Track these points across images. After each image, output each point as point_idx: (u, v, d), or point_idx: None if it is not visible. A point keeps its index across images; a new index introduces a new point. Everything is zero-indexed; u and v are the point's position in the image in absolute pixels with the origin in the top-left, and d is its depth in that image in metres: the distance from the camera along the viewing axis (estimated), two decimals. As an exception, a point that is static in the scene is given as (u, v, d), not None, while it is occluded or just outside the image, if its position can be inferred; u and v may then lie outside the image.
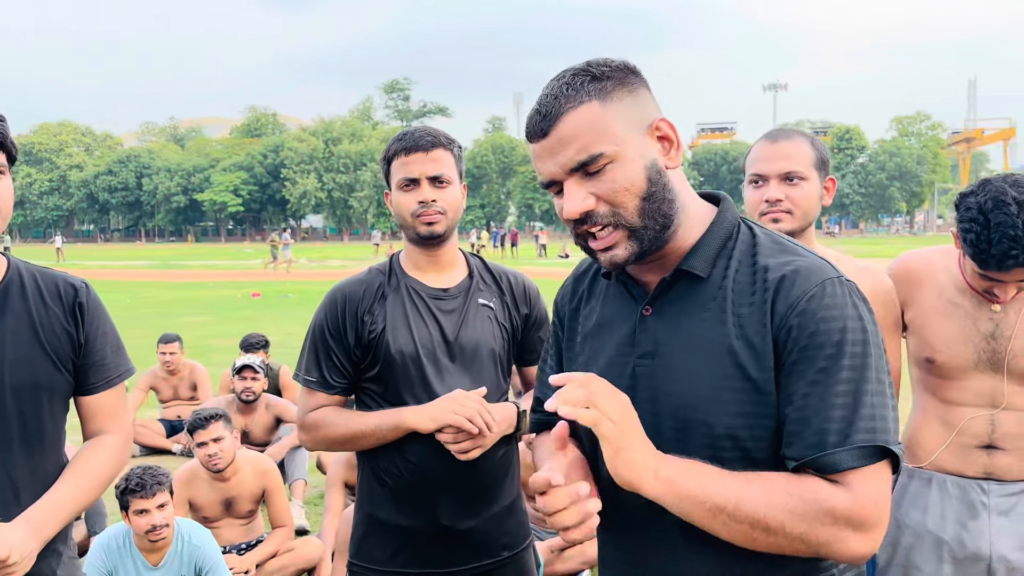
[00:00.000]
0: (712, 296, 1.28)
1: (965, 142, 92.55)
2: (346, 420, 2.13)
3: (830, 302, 1.20)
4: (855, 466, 1.17)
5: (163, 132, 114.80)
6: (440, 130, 2.22)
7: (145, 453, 6.80)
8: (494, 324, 2.23)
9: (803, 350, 1.19)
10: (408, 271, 2.23)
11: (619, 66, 1.28)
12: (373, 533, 2.18)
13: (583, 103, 1.24)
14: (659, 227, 1.26)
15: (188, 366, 7.26)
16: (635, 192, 1.24)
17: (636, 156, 1.24)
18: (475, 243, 45.57)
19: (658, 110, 1.31)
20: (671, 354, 1.29)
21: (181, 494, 4.14)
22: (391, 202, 2.21)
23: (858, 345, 1.19)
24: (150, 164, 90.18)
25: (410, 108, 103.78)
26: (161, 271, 33.94)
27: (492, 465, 2.16)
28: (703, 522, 1.18)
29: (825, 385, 1.18)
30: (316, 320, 2.21)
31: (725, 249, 1.31)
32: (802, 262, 1.25)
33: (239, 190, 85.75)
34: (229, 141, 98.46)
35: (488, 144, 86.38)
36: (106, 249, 70.03)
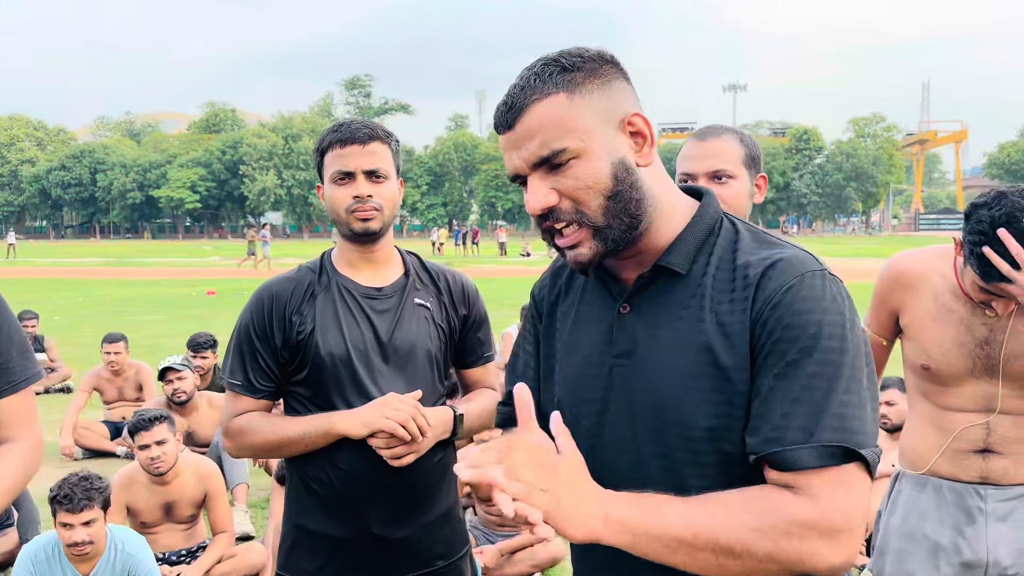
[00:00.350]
0: (691, 293, 1.23)
1: (919, 144, 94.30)
2: (272, 426, 2.04)
3: (808, 294, 1.15)
4: (816, 466, 1.10)
5: (118, 127, 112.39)
6: (378, 123, 2.13)
7: (88, 456, 6.62)
8: (431, 325, 2.14)
9: (775, 343, 1.14)
10: (340, 269, 2.13)
11: (593, 56, 1.22)
12: (301, 543, 2.09)
13: (549, 95, 1.19)
14: (624, 227, 1.21)
15: (134, 366, 7.09)
16: (599, 190, 1.19)
17: (603, 152, 1.19)
18: (435, 240, 45.37)
19: (634, 103, 1.24)
20: (648, 354, 1.24)
21: (119, 498, 4.00)
22: (323, 196, 2.11)
23: (834, 340, 1.13)
24: (105, 159, 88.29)
25: (371, 105, 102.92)
26: (115, 269, 33.24)
27: (427, 471, 2.07)
28: (666, 559, 1.10)
29: (792, 379, 1.13)
30: (241, 320, 2.11)
31: (706, 245, 1.26)
32: (783, 254, 1.20)
33: (197, 186, 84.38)
34: (186, 137, 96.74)
35: (450, 142, 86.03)
36: (59, 246, 68.52)
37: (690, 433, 1.19)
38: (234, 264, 32.70)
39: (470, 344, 2.25)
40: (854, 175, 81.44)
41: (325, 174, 2.08)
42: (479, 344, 2.27)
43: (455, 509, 2.21)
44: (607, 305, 1.32)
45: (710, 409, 1.18)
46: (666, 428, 1.21)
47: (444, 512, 2.15)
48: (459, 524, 2.22)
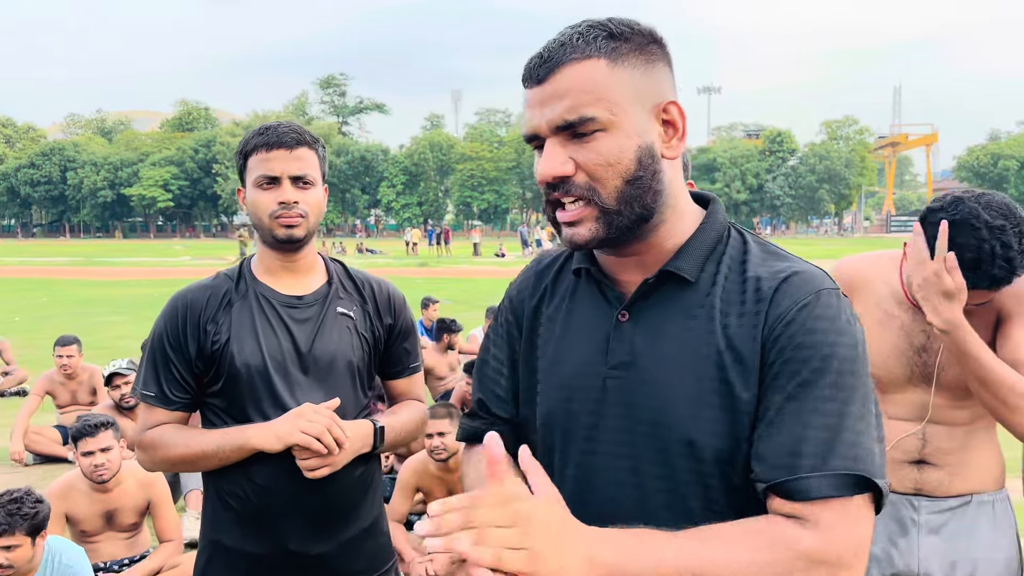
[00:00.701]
0: (699, 303, 1.15)
1: (891, 146, 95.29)
2: (186, 439, 1.97)
3: (822, 313, 1.09)
4: (829, 495, 1.03)
5: (89, 125, 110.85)
6: (304, 128, 2.08)
7: (39, 461, 6.49)
8: (353, 335, 2.09)
9: (786, 362, 1.08)
10: (259, 277, 2.07)
11: (643, 31, 1.14)
12: (217, 559, 2.03)
13: (590, 58, 1.10)
14: (635, 217, 1.13)
15: (87, 370, 6.96)
16: (619, 171, 1.11)
17: (632, 132, 1.11)
18: (409, 241, 45.21)
19: (673, 91, 1.16)
20: (649, 366, 1.15)
21: (57, 508, 3.91)
22: (245, 200, 2.05)
23: (847, 363, 1.07)
24: (75, 157, 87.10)
25: (346, 104, 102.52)
26: (83, 268, 32.78)
27: (347, 486, 2.02)
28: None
29: (804, 401, 1.06)
30: (155, 330, 2.04)
31: (715, 253, 1.18)
32: (797, 268, 1.14)
33: (169, 185, 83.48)
34: (159, 135, 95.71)
35: (426, 141, 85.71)
36: (27, 245, 67.50)
37: (698, 454, 1.11)
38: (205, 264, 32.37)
39: (396, 354, 2.20)
40: (827, 177, 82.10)
41: (248, 178, 2.02)
42: (405, 354, 2.21)
43: (379, 523, 2.15)
44: (602, 312, 1.22)
45: (719, 428, 1.10)
46: (670, 448, 1.12)
47: (366, 527, 2.09)
48: (383, 538, 2.17)
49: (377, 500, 2.17)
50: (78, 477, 4.05)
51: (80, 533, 4.07)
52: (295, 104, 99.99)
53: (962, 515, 2.12)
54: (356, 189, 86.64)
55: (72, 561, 3.38)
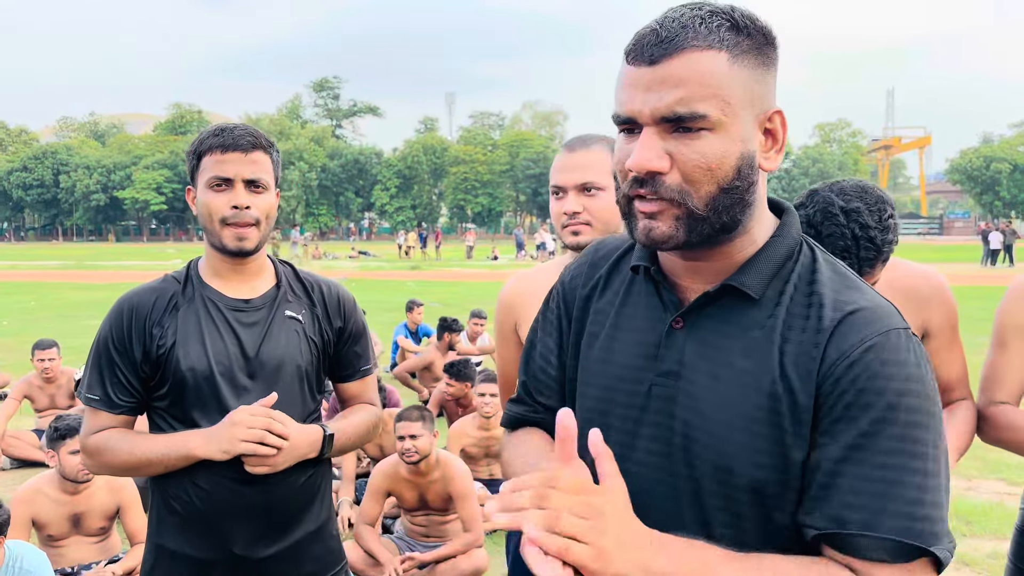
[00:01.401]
0: (760, 324, 1.07)
1: (884, 149, 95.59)
2: (131, 445, 1.94)
3: (891, 357, 1.00)
4: (881, 560, 0.98)
5: (82, 128, 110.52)
6: (260, 131, 2.06)
7: (17, 466, 6.45)
8: (301, 338, 2.06)
9: (848, 407, 1.00)
10: (207, 279, 2.05)
11: (764, 28, 1.06)
12: (161, 564, 2.01)
13: (712, 48, 1.01)
14: (719, 226, 1.06)
15: (66, 373, 6.92)
16: (717, 177, 1.03)
17: (738, 137, 1.03)
18: (402, 244, 45.15)
19: (776, 100, 1.09)
20: (698, 380, 1.09)
21: (21, 514, 3.88)
22: (195, 201, 2.03)
23: (915, 413, 0.99)
24: (68, 161, 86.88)
25: (340, 107, 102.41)
26: (75, 272, 32.69)
27: (294, 489, 2.00)
28: None
29: (865, 451, 0.98)
30: (100, 333, 2.02)
31: (783, 271, 1.10)
32: (866, 303, 1.05)
33: (162, 188, 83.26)
34: (152, 138, 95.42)
35: (420, 144, 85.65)
36: (20, 248, 67.35)
37: (730, 480, 1.06)
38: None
39: (346, 357, 2.18)
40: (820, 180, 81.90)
41: (200, 178, 2.00)
42: (356, 357, 2.20)
43: (327, 527, 2.13)
44: (656, 315, 1.16)
45: (760, 460, 1.04)
46: (702, 467, 1.07)
47: (314, 530, 2.07)
48: (332, 542, 2.15)
49: (326, 504, 2.15)
50: (46, 480, 4.03)
51: (47, 537, 4.04)
52: (288, 107, 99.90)
53: None
54: (350, 192, 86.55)
55: (33, 567, 3.35)
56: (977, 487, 5.73)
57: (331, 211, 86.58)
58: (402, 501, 4.43)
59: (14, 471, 6.38)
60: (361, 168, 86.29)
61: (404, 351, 9.66)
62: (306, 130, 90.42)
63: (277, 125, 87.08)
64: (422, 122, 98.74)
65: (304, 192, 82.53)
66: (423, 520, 4.49)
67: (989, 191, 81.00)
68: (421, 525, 4.49)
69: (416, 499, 4.39)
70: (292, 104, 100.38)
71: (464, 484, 4.27)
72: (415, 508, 4.45)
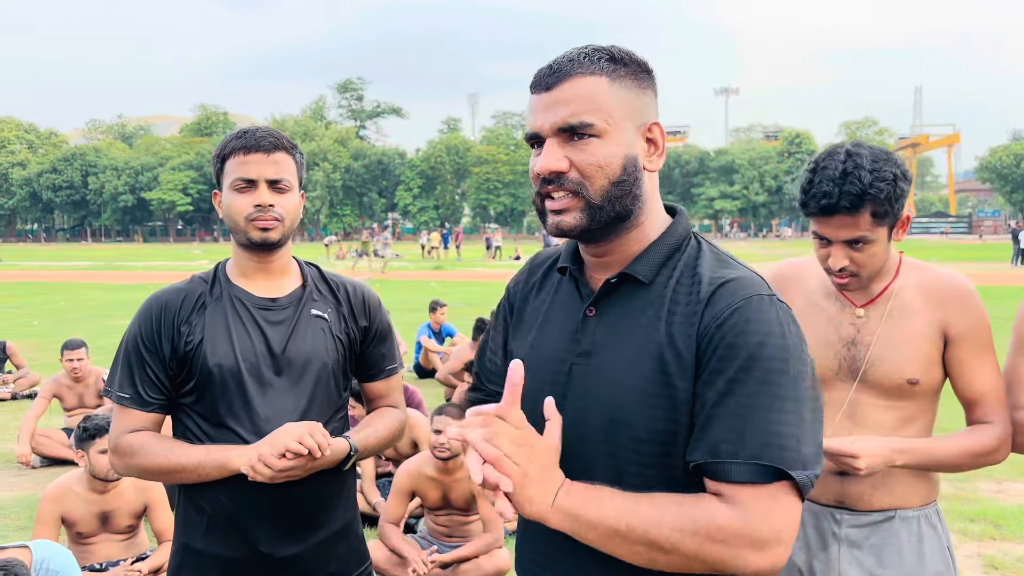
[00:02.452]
0: (651, 303, 1.30)
1: (911, 147, 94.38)
2: (167, 450, 1.96)
3: (753, 316, 1.21)
4: (746, 480, 1.17)
5: (110, 130, 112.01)
6: (283, 133, 2.08)
7: (46, 464, 6.54)
8: (328, 336, 2.08)
9: (720, 360, 1.21)
10: (234, 279, 2.07)
11: (638, 60, 1.32)
12: (188, 564, 2.03)
13: (594, 73, 1.27)
14: (614, 214, 1.29)
15: (95, 373, 7.01)
16: (607, 173, 1.27)
17: (621, 141, 1.28)
18: (426, 244, 45.26)
19: (656, 115, 1.34)
20: (605, 356, 1.31)
21: (52, 511, 3.94)
22: (220, 203, 2.06)
23: (775, 361, 1.19)
24: (96, 162, 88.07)
25: (364, 108, 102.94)
26: (103, 272, 33.12)
27: (319, 489, 2.01)
28: (602, 545, 1.19)
29: (733, 395, 1.19)
30: (129, 331, 2.05)
31: (671, 260, 1.33)
32: (735, 275, 1.27)
33: (188, 189, 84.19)
34: (178, 140, 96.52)
35: (443, 145, 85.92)
36: (49, 249, 68.29)
37: (637, 435, 1.25)
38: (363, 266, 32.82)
39: (372, 357, 2.19)
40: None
41: (225, 181, 2.02)
42: (381, 357, 2.21)
43: (352, 526, 2.15)
44: (576, 306, 1.38)
45: (655, 414, 1.24)
46: (615, 428, 1.26)
47: (339, 529, 2.09)
48: (356, 542, 2.16)
49: (351, 503, 2.16)
50: (75, 479, 4.08)
51: (76, 534, 4.09)
52: (313, 108, 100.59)
53: (885, 531, 2.05)
54: (373, 192, 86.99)
55: (59, 567, 3.38)
56: (1007, 490, 5.65)
57: (355, 212, 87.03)
58: (426, 500, 4.44)
59: (44, 469, 6.48)
60: (384, 169, 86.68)
61: (427, 351, 9.69)
62: (330, 131, 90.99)
63: (302, 126, 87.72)
64: (445, 122, 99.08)
65: (328, 193, 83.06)
66: (446, 520, 4.50)
67: (1020, 189, 79.87)
68: (444, 525, 4.50)
69: (440, 498, 4.41)
70: (316, 105, 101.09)
71: (488, 484, 4.26)
72: (438, 507, 4.46)
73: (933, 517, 2.09)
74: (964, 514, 5.09)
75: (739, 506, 1.16)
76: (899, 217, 1.96)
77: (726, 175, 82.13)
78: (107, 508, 4.10)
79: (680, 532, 1.16)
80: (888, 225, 1.95)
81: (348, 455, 2.02)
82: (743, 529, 1.15)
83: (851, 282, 2.01)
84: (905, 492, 2.05)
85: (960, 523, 4.94)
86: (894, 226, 1.97)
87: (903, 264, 2.08)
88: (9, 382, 9.28)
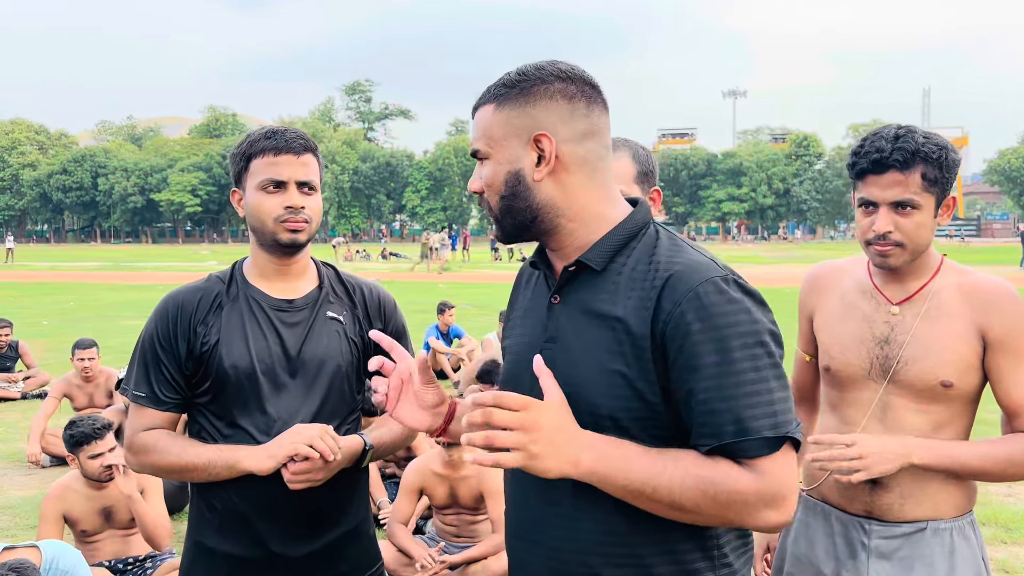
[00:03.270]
0: (606, 288, 1.37)
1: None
2: (180, 449, 1.97)
3: (715, 299, 1.28)
4: (762, 454, 1.27)
5: (120, 131, 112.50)
6: (307, 134, 2.09)
7: (55, 463, 6.56)
8: (343, 339, 2.08)
9: (694, 344, 1.27)
10: (251, 280, 2.08)
11: (534, 75, 1.40)
12: (200, 562, 2.04)
13: (485, 104, 1.43)
14: (515, 223, 1.43)
15: (105, 373, 7.06)
16: (495, 190, 1.42)
17: (503, 161, 1.40)
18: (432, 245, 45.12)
19: (557, 124, 1.38)
20: (569, 340, 1.39)
21: (55, 511, 3.96)
22: (243, 203, 2.05)
23: (747, 336, 1.27)
24: (106, 164, 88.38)
25: (372, 110, 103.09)
26: (112, 273, 33.25)
27: (331, 489, 2.00)
28: (625, 498, 1.29)
29: (719, 379, 1.26)
30: (146, 331, 2.06)
31: (626, 248, 1.40)
32: (689, 259, 1.35)
33: (197, 190, 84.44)
34: (188, 141, 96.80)
35: (451, 147, 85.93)
36: (59, 250, 68.60)
37: (597, 412, 1.33)
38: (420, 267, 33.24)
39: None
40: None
41: (250, 181, 2.02)
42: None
43: (364, 526, 2.15)
44: (544, 296, 1.48)
45: (612, 392, 1.33)
46: (578, 408, 1.32)
47: (350, 529, 2.09)
48: (368, 542, 2.16)
49: (363, 503, 2.16)
50: (74, 477, 4.09)
51: (80, 533, 4.10)
52: (321, 110, 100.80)
53: (915, 543, 1.99)
54: (381, 194, 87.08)
55: (68, 566, 3.38)
56: (1017, 494, 5.62)
57: (363, 213, 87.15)
58: (433, 498, 4.45)
59: (53, 468, 6.50)
60: (392, 170, 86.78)
61: (435, 352, 9.71)
62: (338, 133, 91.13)
63: (310, 128, 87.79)
64: (453, 124, 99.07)
65: (336, 194, 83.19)
66: (454, 520, 4.51)
67: (1029, 192, 79.46)
68: (452, 525, 4.51)
69: (447, 496, 4.41)
70: (325, 107, 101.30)
71: (496, 482, 4.27)
72: (446, 506, 4.46)
73: (967, 529, 2.02)
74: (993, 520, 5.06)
75: (756, 472, 1.27)
76: (947, 192, 1.94)
77: (733, 178, 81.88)
78: (108, 503, 4.11)
79: (703, 494, 1.26)
80: (936, 196, 1.92)
81: (364, 451, 2.01)
82: (763, 491, 1.26)
83: (893, 253, 1.94)
84: (937, 502, 1.99)
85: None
86: (941, 201, 1.94)
87: (944, 265, 2.02)
88: (19, 381, 9.32)
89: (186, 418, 2.12)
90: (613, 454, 1.28)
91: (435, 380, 1.62)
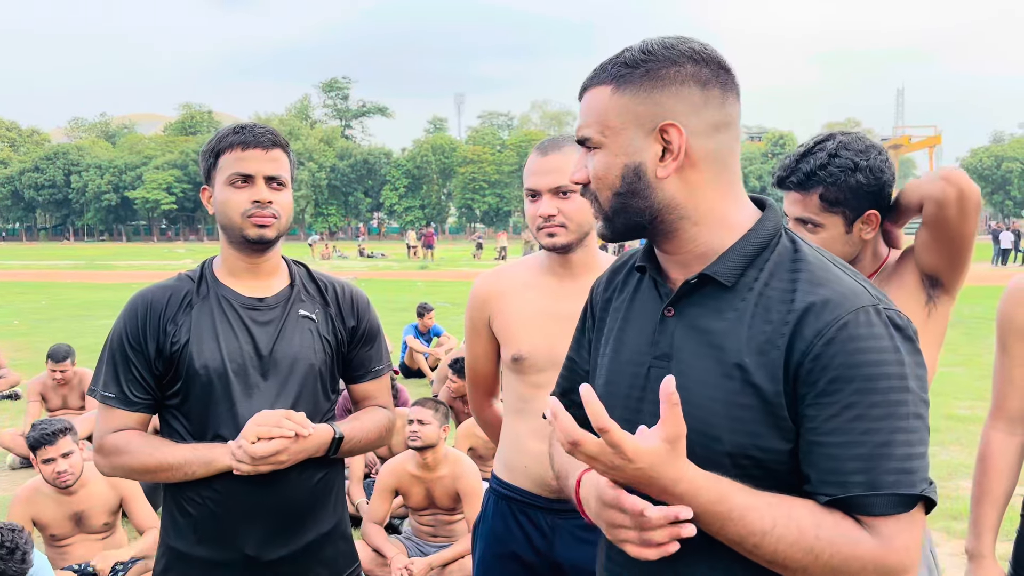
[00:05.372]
0: (734, 306, 1.22)
1: (893, 148, 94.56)
2: (152, 448, 1.93)
3: (864, 332, 1.12)
4: (886, 513, 1.11)
5: (93, 128, 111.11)
6: (277, 130, 2.07)
7: (26, 464, 6.46)
8: (315, 337, 2.06)
9: (832, 381, 1.12)
10: (221, 278, 2.05)
11: (663, 56, 1.21)
12: (174, 567, 2.00)
13: (600, 84, 1.25)
14: (628, 223, 1.26)
15: (79, 374, 6.94)
16: (606, 184, 1.25)
17: (620, 152, 1.23)
18: (410, 244, 45.09)
19: (687, 113, 1.21)
20: (685, 359, 1.24)
21: (23, 513, 3.89)
22: (211, 199, 2.02)
23: (893, 379, 1.11)
24: (79, 161, 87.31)
25: (349, 107, 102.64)
26: (86, 271, 32.84)
27: (306, 491, 2.00)
28: (725, 542, 1.15)
29: (854, 423, 1.11)
30: (115, 330, 2.02)
31: (759, 259, 1.24)
32: (838, 286, 1.17)
33: (172, 188, 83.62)
34: (162, 139, 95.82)
35: (428, 145, 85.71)
36: (31, 248, 67.72)
37: (712, 445, 1.19)
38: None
39: (359, 358, 2.17)
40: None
41: (219, 176, 1.99)
42: (369, 358, 2.18)
43: (340, 528, 2.13)
44: (655, 306, 1.32)
45: (742, 427, 1.17)
46: (692, 436, 1.16)
47: (327, 532, 2.07)
48: (345, 544, 2.14)
49: (339, 505, 2.14)
50: (43, 481, 4.02)
51: (50, 537, 4.03)
52: (298, 107, 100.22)
53: None
54: (359, 192, 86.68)
55: (35, 568, 3.33)
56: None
57: (340, 211, 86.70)
58: (409, 499, 4.43)
59: (23, 470, 6.40)
60: (370, 168, 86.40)
61: (412, 351, 9.67)
62: (316, 130, 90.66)
63: (287, 125, 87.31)
64: (431, 122, 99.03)
65: (314, 192, 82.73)
66: (430, 520, 4.49)
67: (1000, 191, 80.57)
68: (428, 525, 4.49)
69: (423, 497, 4.39)
70: (302, 104, 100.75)
71: (471, 482, 4.26)
72: (422, 507, 4.44)
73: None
74: (947, 512, 5.12)
75: (879, 536, 1.12)
76: (860, 212, 1.87)
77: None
78: (79, 508, 4.03)
79: (815, 559, 1.11)
80: (843, 215, 1.88)
81: (334, 439, 1.99)
82: (884, 559, 1.11)
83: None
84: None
85: (943, 521, 4.97)
86: (855, 218, 1.88)
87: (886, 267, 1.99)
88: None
89: (157, 423, 2.09)
90: (711, 487, 1.12)
91: None
